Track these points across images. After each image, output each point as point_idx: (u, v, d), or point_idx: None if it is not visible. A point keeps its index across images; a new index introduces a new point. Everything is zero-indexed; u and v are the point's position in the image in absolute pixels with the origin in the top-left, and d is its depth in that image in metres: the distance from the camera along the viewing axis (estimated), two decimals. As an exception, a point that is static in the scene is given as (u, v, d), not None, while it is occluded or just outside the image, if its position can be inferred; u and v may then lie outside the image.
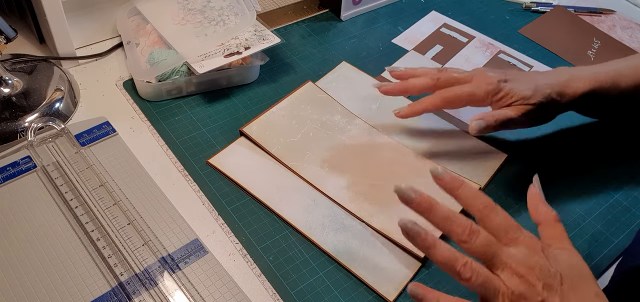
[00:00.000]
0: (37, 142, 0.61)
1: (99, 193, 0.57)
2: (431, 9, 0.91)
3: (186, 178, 0.61)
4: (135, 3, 0.76)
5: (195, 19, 0.73)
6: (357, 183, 0.61)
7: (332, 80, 0.74)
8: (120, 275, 0.50)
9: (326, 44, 0.81)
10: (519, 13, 0.93)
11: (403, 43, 0.83)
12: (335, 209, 0.59)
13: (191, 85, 0.69)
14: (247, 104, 0.70)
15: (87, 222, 0.54)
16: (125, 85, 0.70)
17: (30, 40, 0.75)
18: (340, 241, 0.56)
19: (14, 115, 0.62)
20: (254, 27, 0.72)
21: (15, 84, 0.65)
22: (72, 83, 0.69)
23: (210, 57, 0.68)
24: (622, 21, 0.94)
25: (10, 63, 0.67)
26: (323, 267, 0.54)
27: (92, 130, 0.63)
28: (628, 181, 0.67)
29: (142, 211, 0.56)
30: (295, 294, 0.52)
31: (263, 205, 0.59)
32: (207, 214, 0.57)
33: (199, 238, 0.55)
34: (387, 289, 0.53)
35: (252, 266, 0.53)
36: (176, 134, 0.65)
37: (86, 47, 0.75)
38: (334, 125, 0.67)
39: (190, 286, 0.50)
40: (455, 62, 0.80)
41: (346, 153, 0.64)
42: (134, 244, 0.53)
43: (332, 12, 0.87)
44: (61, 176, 0.58)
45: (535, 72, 0.75)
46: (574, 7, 0.95)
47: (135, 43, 0.71)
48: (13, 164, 0.59)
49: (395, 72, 0.66)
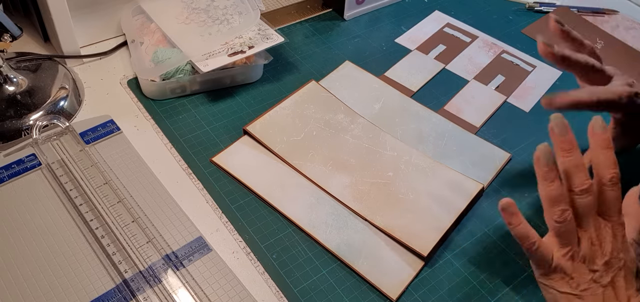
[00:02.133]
0: (42, 140, 0.61)
1: (103, 191, 0.57)
2: (434, 9, 0.91)
3: (190, 176, 0.61)
4: (140, 2, 0.76)
5: (199, 18, 0.73)
6: (360, 182, 0.61)
7: (336, 80, 0.74)
8: (124, 272, 0.50)
9: (329, 44, 0.81)
10: (522, 13, 0.93)
11: (406, 43, 0.83)
12: (339, 207, 0.59)
13: (195, 84, 0.70)
14: (251, 103, 0.70)
15: (91, 219, 0.54)
16: (130, 83, 0.71)
17: (35, 38, 0.75)
18: (344, 239, 0.56)
19: (18, 114, 0.62)
20: (257, 27, 0.72)
21: (20, 82, 0.65)
22: (77, 81, 0.69)
23: (214, 56, 0.68)
24: (626, 22, 0.94)
25: (15, 61, 0.68)
26: (326, 265, 0.54)
27: (96, 129, 0.63)
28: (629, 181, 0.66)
29: (146, 208, 0.56)
30: (299, 292, 0.52)
31: (266, 203, 0.59)
32: (211, 212, 0.58)
33: (203, 236, 0.55)
34: (390, 287, 0.53)
35: (255, 264, 0.54)
36: (180, 132, 0.65)
37: (91, 45, 0.75)
38: (337, 124, 0.67)
39: (194, 284, 0.51)
40: (459, 61, 0.81)
41: (349, 152, 0.64)
42: (138, 241, 0.53)
43: (336, 12, 0.87)
44: (66, 173, 0.58)
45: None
46: (577, 8, 0.95)
47: (140, 42, 0.71)
48: (18, 162, 0.59)
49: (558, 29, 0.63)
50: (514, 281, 0.55)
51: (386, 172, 0.62)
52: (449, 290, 0.54)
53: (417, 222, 0.57)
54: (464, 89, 0.76)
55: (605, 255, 0.46)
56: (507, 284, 0.55)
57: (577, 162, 0.46)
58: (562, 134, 0.48)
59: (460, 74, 0.79)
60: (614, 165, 0.47)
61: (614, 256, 0.46)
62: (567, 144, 0.47)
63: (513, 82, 0.78)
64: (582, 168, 0.46)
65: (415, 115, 0.70)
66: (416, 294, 0.53)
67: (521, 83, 0.78)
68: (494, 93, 0.76)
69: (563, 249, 0.46)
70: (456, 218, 0.58)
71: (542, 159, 0.47)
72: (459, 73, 0.79)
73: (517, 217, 0.48)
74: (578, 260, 0.46)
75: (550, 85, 0.79)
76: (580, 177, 0.46)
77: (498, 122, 0.72)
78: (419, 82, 0.76)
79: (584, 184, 0.46)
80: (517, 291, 0.54)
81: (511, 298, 0.54)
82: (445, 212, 0.59)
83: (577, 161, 0.47)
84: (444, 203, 0.60)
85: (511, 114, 0.73)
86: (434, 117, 0.71)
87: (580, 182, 0.46)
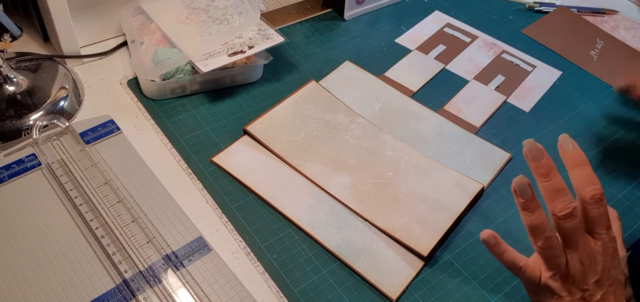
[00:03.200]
0: (42, 140, 0.61)
1: (103, 191, 0.57)
2: (434, 9, 0.91)
3: (190, 176, 0.61)
4: (140, 2, 0.76)
5: (199, 18, 0.73)
6: (360, 182, 0.61)
7: (336, 80, 0.74)
8: (124, 272, 0.50)
9: (329, 44, 0.81)
10: (522, 13, 0.93)
11: (406, 43, 0.83)
12: (339, 207, 0.59)
13: (195, 84, 0.70)
14: (251, 103, 0.70)
15: (91, 219, 0.54)
16: (130, 83, 0.71)
17: (35, 38, 0.75)
18: (343, 239, 0.56)
19: (18, 114, 0.62)
20: (257, 27, 0.72)
21: (20, 82, 0.65)
22: (77, 81, 0.69)
23: (214, 56, 0.68)
24: (626, 21, 0.94)
25: (15, 61, 0.68)
26: (326, 265, 0.54)
27: (96, 129, 0.63)
28: (630, 181, 0.67)
29: (146, 208, 0.56)
30: (299, 292, 0.52)
31: (266, 203, 0.59)
32: (211, 212, 0.58)
33: (203, 236, 0.55)
34: (390, 287, 0.53)
35: (255, 264, 0.54)
36: (180, 132, 0.65)
37: (91, 45, 0.75)
38: (337, 124, 0.67)
39: (194, 284, 0.51)
40: (459, 62, 0.81)
41: (349, 152, 0.64)
42: (138, 241, 0.53)
43: (336, 12, 0.87)
44: (66, 173, 0.58)
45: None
46: (577, 8, 0.95)
47: (140, 42, 0.71)
48: (18, 162, 0.59)
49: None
50: (514, 281, 0.55)
51: (386, 172, 0.62)
52: (449, 290, 0.54)
53: (417, 222, 0.57)
54: (464, 89, 0.76)
55: (596, 274, 0.45)
56: (507, 284, 0.55)
57: (557, 187, 0.45)
58: (537, 160, 0.46)
59: (460, 74, 0.79)
60: (592, 182, 0.46)
61: (605, 274, 0.45)
62: (543, 168, 0.45)
63: (513, 82, 0.78)
64: (563, 192, 0.45)
65: (415, 115, 0.70)
66: (416, 294, 0.53)
67: (521, 83, 0.78)
68: (494, 93, 0.76)
69: (550, 271, 0.46)
70: (456, 218, 0.58)
71: (519, 192, 0.46)
72: (459, 73, 0.79)
73: (500, 247, 0.47)
74: (568, 280, 0.45)
75: (550, 85, 0.79)
76: (562, 202, 0.45)
77: (498, 122, 0.72)
78: (419, 82, 0.76)
79: (566, 209, 0.44)
80: (517, 291, 0.54)
81: (511, 298, 0.54)
82: (445, 212, 0.59)
83: (556, 185, 0.45)
84: (444, 203, 0.60)
85: (511, 114, 0.73)
86: (434, 117, 0.71)
87: (562, 207, 0.44)
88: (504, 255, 0.47)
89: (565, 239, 0.45)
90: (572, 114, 0.75)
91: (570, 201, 0.45)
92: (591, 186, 0.45)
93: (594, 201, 0.45)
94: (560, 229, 0.45)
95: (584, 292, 0.45)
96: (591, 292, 0.45)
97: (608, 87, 0.80)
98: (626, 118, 0.75)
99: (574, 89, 0.79)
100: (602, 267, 0.45)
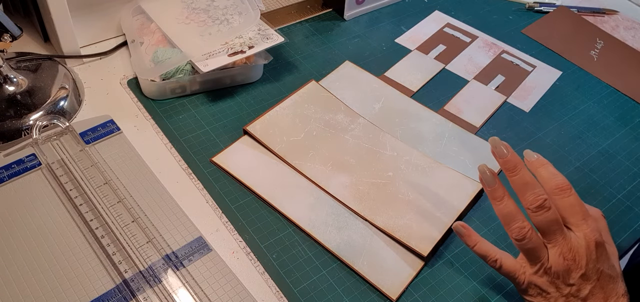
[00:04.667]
0: (42, 140, 0.61)
1: (103, 191, 0.57)
2: (434, 9, 0.91)
3: (190, 176, 0.61)
4: (140, 2, 0.76)
5: (199, 18, 0.73)
6: (360, 182, 0.61)
7: (336, 80, 0.74)
8: (124, 272, 0.50)
9: (329, 44, 0.81)
10: (522, 13, 0.93)
11: (406, 43, 0.83)
12: (339, 207, 0.59)
13: (195, 84, 0.70)
14: (251, 103, 0.70)
15: (91, 219, 0.54)
16: (130, 83, 0.71)
17: (35, 38, 0.75)
18: (343, 239, 0.56)
19: (18, 114, 0.62)
20: (257, 27, 0.72)
21: (20, 82, 0.65)
22: (77, 81, 0.69)
23: (214, 56, 0.68)
24: (626, 21, 0.94)
25: (15, 61, 0.68)
26: (326, 265, 0.54)
27: (96, 129, 0.63)
28: (631, 181, 0.67)
29: (146, 208, 0.56)
30: (299, 292, 0.52)
31: (266, 203, 0.59)
32: (211, 212, 0.58)
33: (203, 236, 0.55)
34: (390, 287, 0.53)
35: (255, 264, 0.54)
36: (180, 132, 0.65)
37: (91, 45, 0.75)
38: (337, 124, 0.67)
39: (194, 284, 0.51)
40: (459, 61, 0.81)
41: (349, 152, 0.64)
42: (138, 241, 0.53)
43: (336, 12, 0.87)
44: (66, 173, 0.58)
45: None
46: (577, 8, 0.95)
47: (140, 42, 0.71)
48: (18, 162, 0.59)
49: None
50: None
51: (386, 172, 0.62)
52: (449, 290, 0.54)
53: (417, 223, 0.57)
54: (464, 89, 0.76)
55: (580, 268, 0.44)
56: (507, 284, 0.55)
57: (525, 180, 0.46)
58: (503, 156, 0.47)
59: (460, 74, 0.79)
60: (555, 175, 0.46)
61: (591, 268, 0.45)
62: (510, 163, 0.46)
63: (513, 82, 0.78)
64: (532, 185, 0.45)
65: (415, 115, 0.70)
66: (416, 294, 0.53)
67: (521, 83, 0.78)
68: (494, 93, 0.76)
69: (533, 267, 0.46)
70: (456, 218, 0.58)
71: (484, 180, 0.47)
72: (459, 73, 0.79)
73: (471, 238, 0.48)
74: (551, 275, 0.45)
75: (550, 85, 0.79)
76: (532, 194, 0.45)
77: (498, 122, 0.72)
78: (419, 82, 0.76)
79: (536, 201, 0.45)
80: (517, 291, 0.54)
81: (511, 298, 0.54)
82: (445, 212, 0.59)
83: (524, 178, 0.46)
84: (444, 203, 0.60)
85: (511, 114, 0.73)
86: (434, 117, 0.71)
87: (532, 200, 0.45)
88: (476, 246, 0.48)
89: (544, 234, 0.46)
90: (572, 114, 0.75)
91: (540, 193, 0.45)
92: (554, 179, 0.46)
93: (558, 191, 0.46)
94: (537, 223, 0.46)
95: (571, 287, 0.45)
96: (578, 286, 0.45)
97: (608, 87, 0.80)
98: (626, 118, 0.75)
99: (574, 89, 0.79)
100: (587, 261, 0.45)
